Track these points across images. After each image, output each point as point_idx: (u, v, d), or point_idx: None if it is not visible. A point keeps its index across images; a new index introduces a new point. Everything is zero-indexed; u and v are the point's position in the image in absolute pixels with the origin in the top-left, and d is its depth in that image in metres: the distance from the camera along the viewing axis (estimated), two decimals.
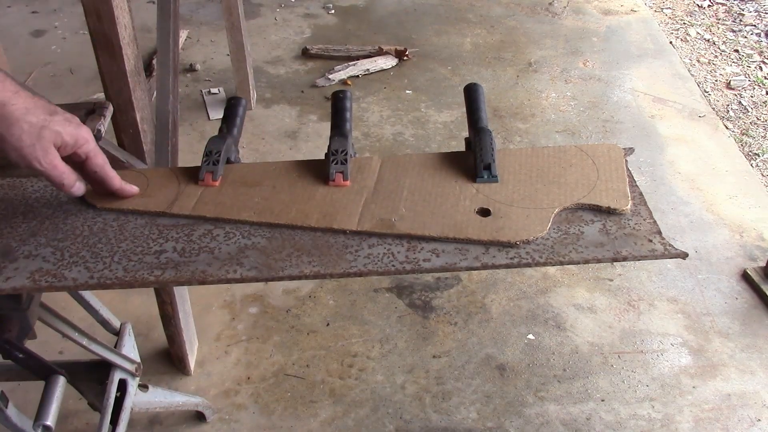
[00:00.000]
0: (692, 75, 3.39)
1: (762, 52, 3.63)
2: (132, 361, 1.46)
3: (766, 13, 4.00)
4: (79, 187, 0.95)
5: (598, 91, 3.24)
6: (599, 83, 3.30)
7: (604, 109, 3.12)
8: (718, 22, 3.91)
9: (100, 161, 0.96)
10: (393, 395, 1.92)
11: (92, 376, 1.42)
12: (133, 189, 1.02)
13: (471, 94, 1.16)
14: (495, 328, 2.11)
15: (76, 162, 0.95)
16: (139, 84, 1.49)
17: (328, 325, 2.11)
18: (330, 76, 3.28)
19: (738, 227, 2.48)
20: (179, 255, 0.92)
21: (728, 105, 3.21)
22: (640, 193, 1.01)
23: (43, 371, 1.24)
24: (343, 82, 3.29)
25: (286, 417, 1.86)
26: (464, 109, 1.17)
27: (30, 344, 1.15)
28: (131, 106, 1.48)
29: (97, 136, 1.19)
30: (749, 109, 3.18)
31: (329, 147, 1.07)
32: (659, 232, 0.94)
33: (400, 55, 3.42)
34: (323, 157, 1.08)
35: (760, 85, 3.35)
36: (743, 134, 3.02)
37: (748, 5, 4.07)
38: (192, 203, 1.00)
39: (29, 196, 1.04)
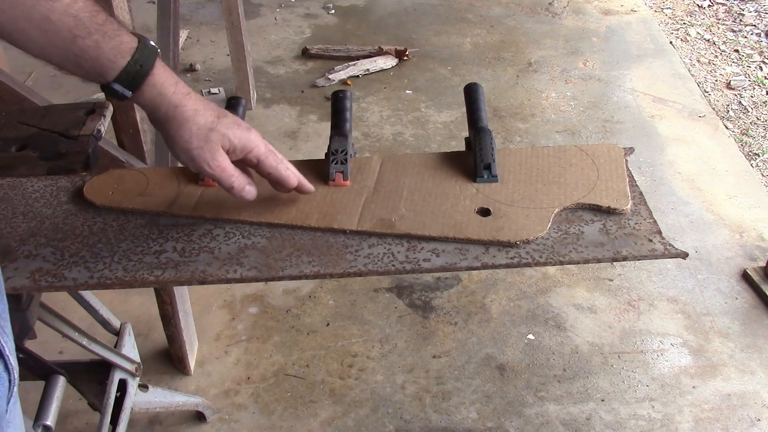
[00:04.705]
0: (692, 75, 3.39)
1: (762, 52, 3.63)
2: (132, 361, 1.46)
3: (766, 13, 3.99)
4: (249, 191, 0.92)
5: (598, 91, 3.24)
6: (599, 83, 3.30)
7: (604, 109, 3.12)
8: (718, 22, 3.91)
9: (272, 162, 0.92)
10: (393, 395, 1.92)
11: (92, 376, 1.42)
12: (310, 187, 0.98)
13: (471, 93, 1.16)
14: (495, 328, 2.11)
15: (251, 165, 0.93)
16: None
17: (328, 325, 2.11)
18: (330, 76, 3.27)
19: (738, 227, 2.48)
20: (179, 255, 0.92)
21: (728, 105, 3.21)
22: (640, 193, 1.01)
23: (43, 371, 1.24)
24: (343, 82, 3.29)
25: (286, 417, 1.86)
26: (464, 109, 1.17)
27: (30, 344, 1.15)
28: (131, 106, 1.48)
29: (97, 136, 1.18)
30: (749, 109, 3.18)
31: (329, 147, 1.07)
32: (659, 232, 0.94)
33: (400, 55, 3.42)
34: (323, 157, 1.08)
35: (760, 85, 3.35)
36: (743, 134, 3.02)
37: (748, 5, 4.06)
38: (192, 203, 1.00)
39: (29, 196, 1.04)
